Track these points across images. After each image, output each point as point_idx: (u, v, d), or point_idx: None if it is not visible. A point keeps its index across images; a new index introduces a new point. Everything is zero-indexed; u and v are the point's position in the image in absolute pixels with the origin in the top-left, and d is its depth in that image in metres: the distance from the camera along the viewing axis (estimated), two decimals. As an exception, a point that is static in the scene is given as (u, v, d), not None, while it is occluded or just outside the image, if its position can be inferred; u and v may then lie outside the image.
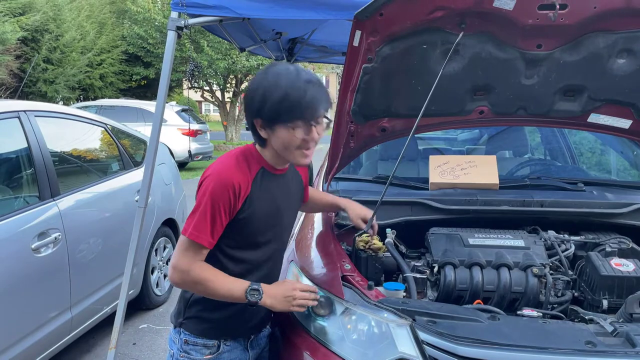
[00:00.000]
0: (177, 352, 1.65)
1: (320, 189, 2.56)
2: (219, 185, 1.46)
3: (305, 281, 1.87)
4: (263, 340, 1.80)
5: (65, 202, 2.98)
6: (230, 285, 1.52)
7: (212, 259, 1.55)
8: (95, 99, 16.33)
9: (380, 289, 1.83)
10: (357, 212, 2.01)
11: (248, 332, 1.71)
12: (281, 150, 1.52)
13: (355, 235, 2.16)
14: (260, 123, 1.49)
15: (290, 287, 1.60)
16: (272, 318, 1.83)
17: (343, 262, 1.91)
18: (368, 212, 2.00)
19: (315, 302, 1.65)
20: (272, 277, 1.70)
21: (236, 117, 20.26)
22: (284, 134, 1.46)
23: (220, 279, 1.51)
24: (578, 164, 3.49)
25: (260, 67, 17.64)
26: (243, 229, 1.54)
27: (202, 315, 1.63)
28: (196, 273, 1.49)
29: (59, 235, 2.81)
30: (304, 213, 2.62)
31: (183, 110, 12.78)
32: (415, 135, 3.02)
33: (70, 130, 3.47)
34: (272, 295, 1.55)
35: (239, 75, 18.95)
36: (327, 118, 1.51)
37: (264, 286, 1.54)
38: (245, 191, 1.49)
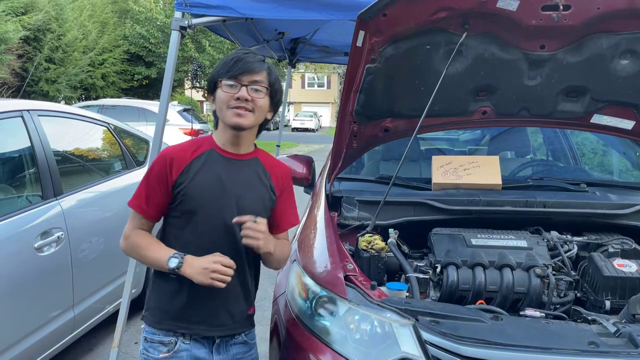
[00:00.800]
0: (141, 349, 1.67)
1: (323, 189, 2.56)
2: (157, 159, 1.62)
3: (309, 281, 1.87)
4: (235, 348, 1.70)
5: (68, 201, 2.98)
6: (158, 253, 1.58)
7: (162, 238, 1.66)
8: (97, 98, 16.36)
9: (383, 289, 1.83)
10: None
11: (207, 330, 1.63)
12: (220, 113, 1.61)
13: (358, 235, 2.16)
14: (209, 96, 1.66)
15: (211, 260, 1.52)
16: (248, 325, 1.73)
17: (346, 262, 1.91)
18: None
19: (228, 279, 1.53)
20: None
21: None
22: (219, 94, 1.60)
23: (152, 247, 1.60)
24: (580, 165, 3.48)
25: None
26: (183, 203, 1.59)
27: (158, 305, 1.65)
28: (133, 239, 1.62)
29: (62, 234, 2.81)
30: (307, 211, 2.63)
31: (185, 110, 12.79)
32: (418, 136, 3.02)
33: (73, 129, 3.47)
34: (192, 265, 1.52)
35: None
36: (257, 84, 1.58)
37: (188, 257, 1.54)
38: (179, 164, 1.59)
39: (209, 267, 1.51)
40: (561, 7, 1.89)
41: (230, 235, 1.59)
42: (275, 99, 1.66)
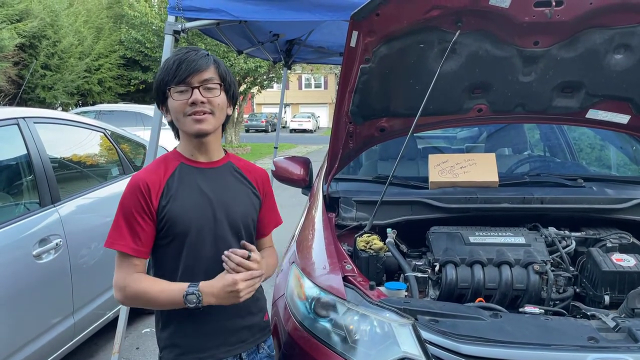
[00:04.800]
0: None
1: (320, 190, 2.56)
2: (127, 190, 1.46)
3: (308, 283, 1.87)
4: (260, 357, 1.63)
5: (66, 207, 2.98)
6: (168, 294, 1.41)
7: (156, 272, 1.50)
8: (94, 104, 16.34)
9: (381, 288, 1.83)
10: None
11: (230, 351, 1.55)
12: (178, 124, 1.49)
13: (356, 235, 2.16)
14: (163, 109, 1.52)
15: (231, 283, 1.39)
16: (268, 332, 1.68)
17: (344, 262, 1.91)
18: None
19: (261, 276, 1.46)
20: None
21: (235, 120, 20.25)
22: (171, 105, 1.47)
23: (157, 288, 1.42)
24: (578, 160, 3.49)
25: (259, 69, 17.67)
26: (171, 227, 1.45)
27: (173, 342, 1.51)
28: (133, 287, 1.42)
29: (60, 241, 2.81)
30: (305, 213, 2.63)
31: (182, 114, 12.74)
32: (415, 135, 3.02)
33: (69, 136, 3.47)
34: (214, 295, 1.40)
35: (237, 78, 18.94)
36: (208, 82, 1.46)
37: (202, 286, 1.40)
38: (156, 188, 1.45)
39: (235, 290, 1.39)
40: (553, 3, 1.89)
41: (230, 247, 1.49)
42: (231, 92, 1.54)
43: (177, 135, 1.56)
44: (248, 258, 1.43)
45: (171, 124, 1.54)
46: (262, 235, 1.70)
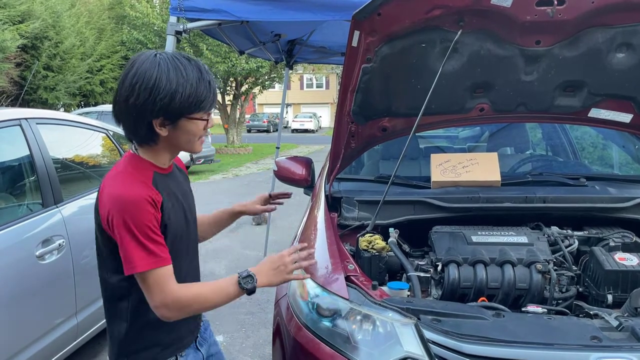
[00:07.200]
0: None
1: (323, 190, 2.56)
2: (135, 208, 1.34)
3: (310, 283, 1.87)
4: (207, 332, 1.73)
5: (69, 208, 2.98)
6: (222, 288, 1.43)
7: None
8: (96, 104, 16.39)
9: (384, 288, 1.83)
10: (254, 201, 1.92)
11: (193, 333, 1.63)
12: (184, 144, 1.45)
13: (359, 235, 2.16)
14: (160, 122, 1.38)
15: (277, 257, 1.49)
16: None
17: (346, 262, 1.91)
18: (263, 196, 1.94)
19: (312, 259, 1.55)
20: (194, 271, 1.62)
21: (237, 120, 20.27)
22: (190, 127, 1.41)
23: (208, 289, 1.43)
24: (580, 159, 3.48)
25: (260, 69, 17.69)
26: (166, 236, 1.43)
27: (146, 344, 1.50)
28: (185, 296, 1.39)
29: (63, 241, 2.82)
30: (307, 213, 2.63)
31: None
32: (417, 134, 3.02)
33: (71, 136, 3.48)
34: (263, 273, 1.46)
35: (239, 78, 18.98)
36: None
37: (251, 269, 1.46)
38: (159, 198, 1.40)
39: (281, 263, 1.48)
40: (555, 2, 1.89)
41: (196, 244, 1.63)
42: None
43: (150, 143, 1.44)
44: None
45: (147, 129, 1.39)
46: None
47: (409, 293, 1.86)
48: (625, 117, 2.41)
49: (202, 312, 1.49)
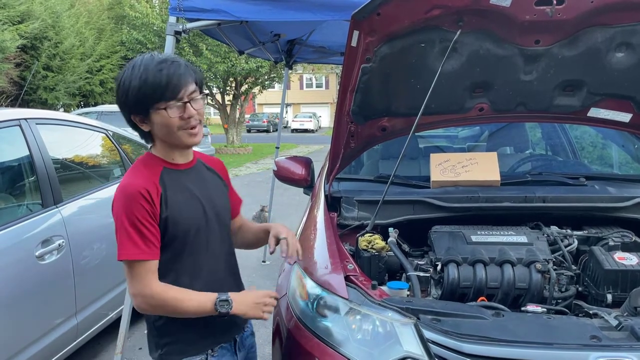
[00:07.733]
0: None
1: (322, 190, 2.56)
2: (127, 199, 1.41)
3: (310, 283, 1.87)
4: (248, 340, 1.76)
5: (68, 208, 2.98)
6: (200, 302, 1.46)
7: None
8: (95, 105, 16.37)
9: (384, 288, 1.83)
10: (275, 230, 1.74)
11: (231, 333, 1.65)
12: (167, 137, 1.48)
13: (358, 235, 2.16)
14: (137, 118, 1.47)
15: (261, 295, 1.55)
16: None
17: (346, 262, 1.91)
18: (285, 232, 1.73)
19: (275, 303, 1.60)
20: (224, 283, 1.61)
21: (237, 120, 20.27)
22: (160, 119, 1.44)
23: (187, 296, 1.45)
24: (579, 159, 3.48)
25: (260, 69, 17.69)
26: (171, 231, 1.47)
27: (178, 337, 1.55)
28: (161, 296, 1.43)
29: (63, 242, 2.82)
30: (306, 212, 2.63)
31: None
32: (416, 134, 3.02)
33: (71, 137, 3.48)
34: (242, 303, 1.50)
35: (239, 78, 18.97)
36: (201, 92, 1.50)
37: (232, 295, 1.49)
38: (157, 191, 1.45)
39: (262, 302, 1.53)
40: (555, 2, 1.89)
41: (224, 243, 1.64)
42: (203, 93, 1.56)
43: (151, 140, 1.55)
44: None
45: (135, 127, 1.51)
46: (235, 216, 1.82)
47: (408, 293, 1.86)
48: (625, 117, 2.41)
49: (175, 316, 1.49)
